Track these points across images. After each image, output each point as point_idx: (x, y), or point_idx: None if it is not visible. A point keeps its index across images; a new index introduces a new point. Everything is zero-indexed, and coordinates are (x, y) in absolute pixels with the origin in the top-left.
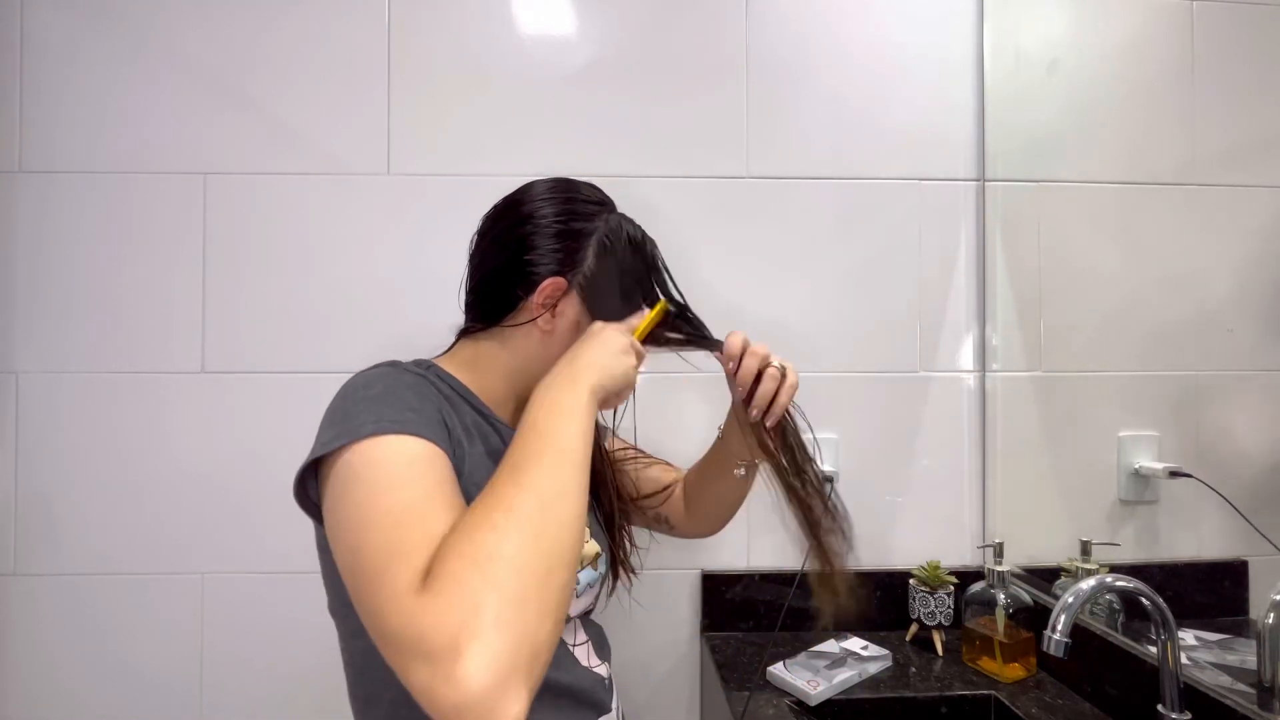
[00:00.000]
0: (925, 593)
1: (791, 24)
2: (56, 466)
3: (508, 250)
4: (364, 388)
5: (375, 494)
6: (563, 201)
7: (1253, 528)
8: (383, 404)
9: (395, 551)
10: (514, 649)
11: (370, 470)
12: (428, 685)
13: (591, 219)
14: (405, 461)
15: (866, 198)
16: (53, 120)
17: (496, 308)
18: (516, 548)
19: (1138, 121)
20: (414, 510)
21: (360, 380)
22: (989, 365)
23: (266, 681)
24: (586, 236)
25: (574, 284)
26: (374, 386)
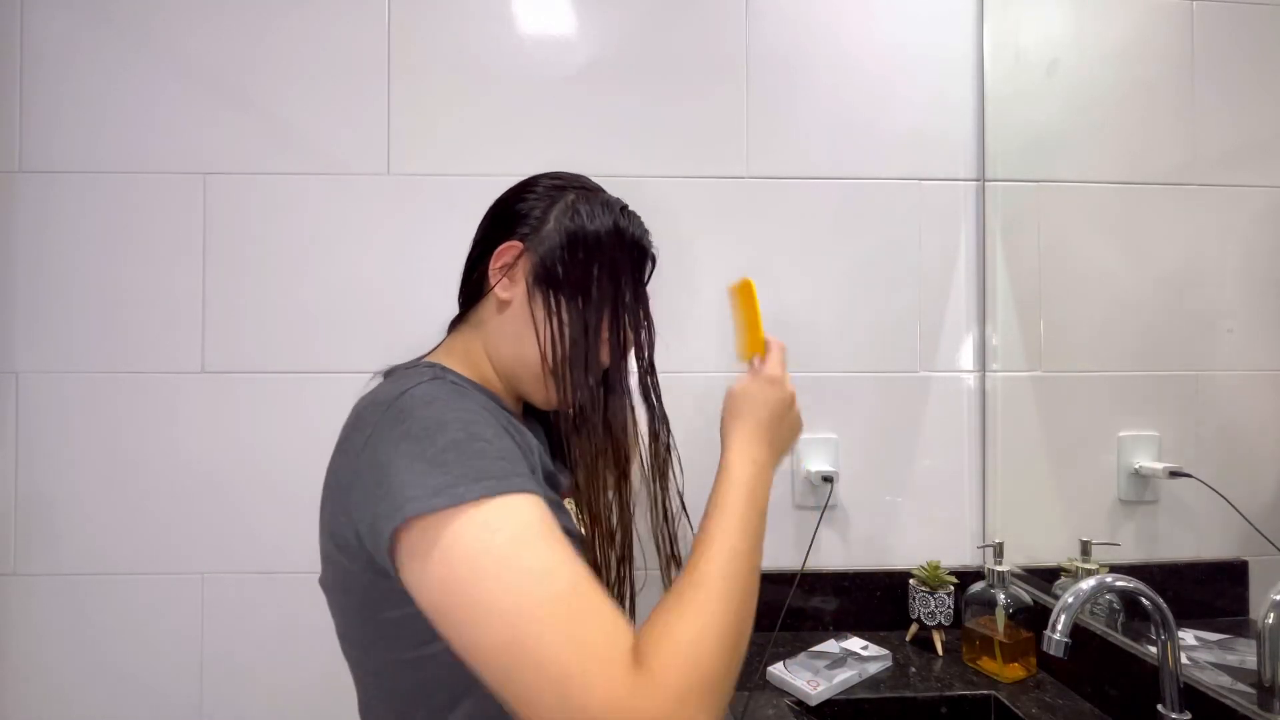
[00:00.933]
0: (925, 593)
1: (791, 24)
2: (56, 466)
3: (480, 229)
4: (439, 429)
5: (532, 582)
6: (545, 183)
7: (1253, 528)
8: (472, 454)
9: (591, 652)
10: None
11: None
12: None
13: (563, 189)
14: (540, 531)
15: (866, 198)
16: (53, 120)
17: (470, 290)
18: (722, 639)
19: (1138, 121)
20: (582, 596)
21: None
22: (989, 365)
23: (266, 681)
24: (552, 204)
25: (529, 248)
26: (450, 429)
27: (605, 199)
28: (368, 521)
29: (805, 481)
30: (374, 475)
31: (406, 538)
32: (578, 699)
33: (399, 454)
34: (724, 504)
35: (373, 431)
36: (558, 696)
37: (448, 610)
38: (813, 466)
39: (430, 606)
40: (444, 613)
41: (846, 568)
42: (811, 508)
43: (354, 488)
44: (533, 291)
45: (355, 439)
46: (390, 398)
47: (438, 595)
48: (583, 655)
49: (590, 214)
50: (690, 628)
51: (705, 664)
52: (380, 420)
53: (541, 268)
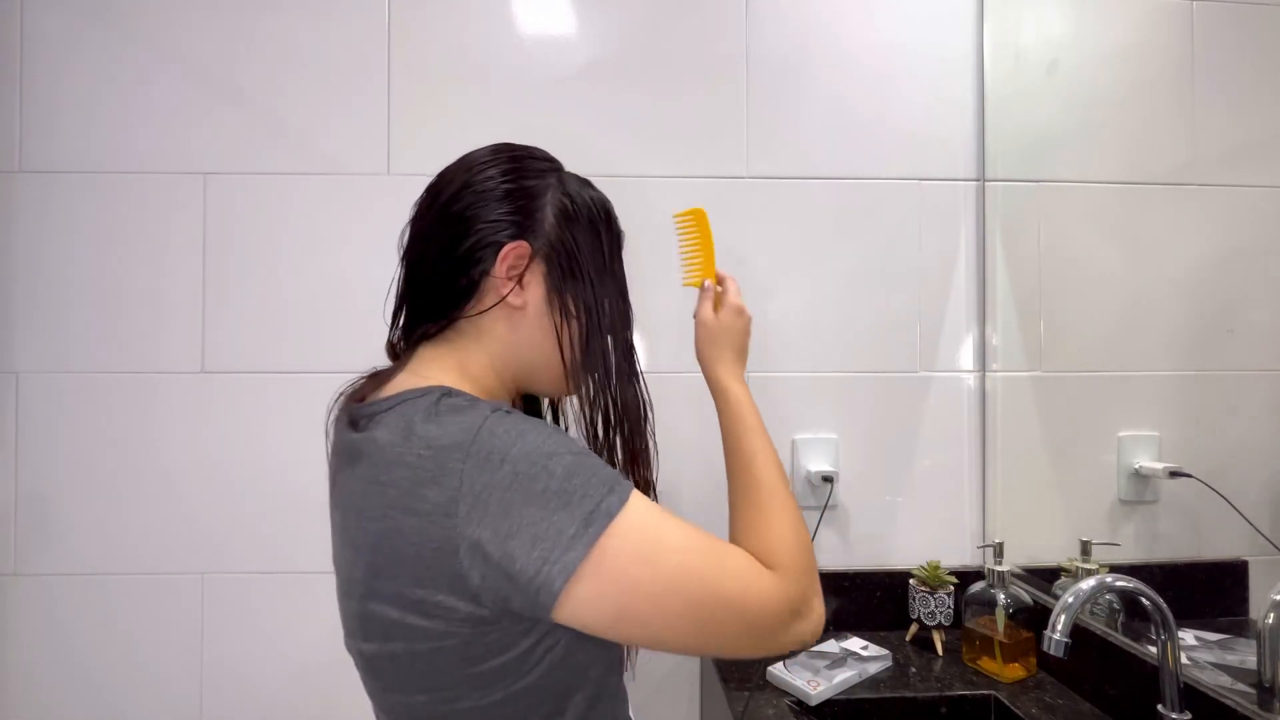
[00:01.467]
0: (925, 593)
1: (791, 24)
2: (56, 466)
3: (453, 226)
4: (551, 456)
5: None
6: (507, 161)
7: (1253, 528)
8: (593, 468)
9: (742, 572)
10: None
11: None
12: (800, 633)
13: (544, 175)
14: (657, 509)
15: (866, 198)
16: (53, 120)
17: (454, 297)
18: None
19: (1138, 121)
20: (707, 539)
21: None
22: (989, 365)
23: (267, 681)
24: (541, 195)
25: (538, 249)
26: (561, 453)
27: (576, 176)
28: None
29: (805, 481)
30: (494, 529)
31: (579, 581)
32: (753, 608)
33: (522, 497)
34: (750, 423)
35: (462, 482)
36: (742, 615)
37: (633, 616)
38: (813, 466)
39: (611, 623)
40: (630, 620)
41: (846, 568)
42: (811, 508)
43: (460, 549)
44: (548, 294)
45: (431, 495)
46: (460, 441)
47: (616, 609)
48: (740, 580)
49: (580, 194)
50: (784, 525)
51: (807, 546)
52: (465, 469)
53: (552, 267)
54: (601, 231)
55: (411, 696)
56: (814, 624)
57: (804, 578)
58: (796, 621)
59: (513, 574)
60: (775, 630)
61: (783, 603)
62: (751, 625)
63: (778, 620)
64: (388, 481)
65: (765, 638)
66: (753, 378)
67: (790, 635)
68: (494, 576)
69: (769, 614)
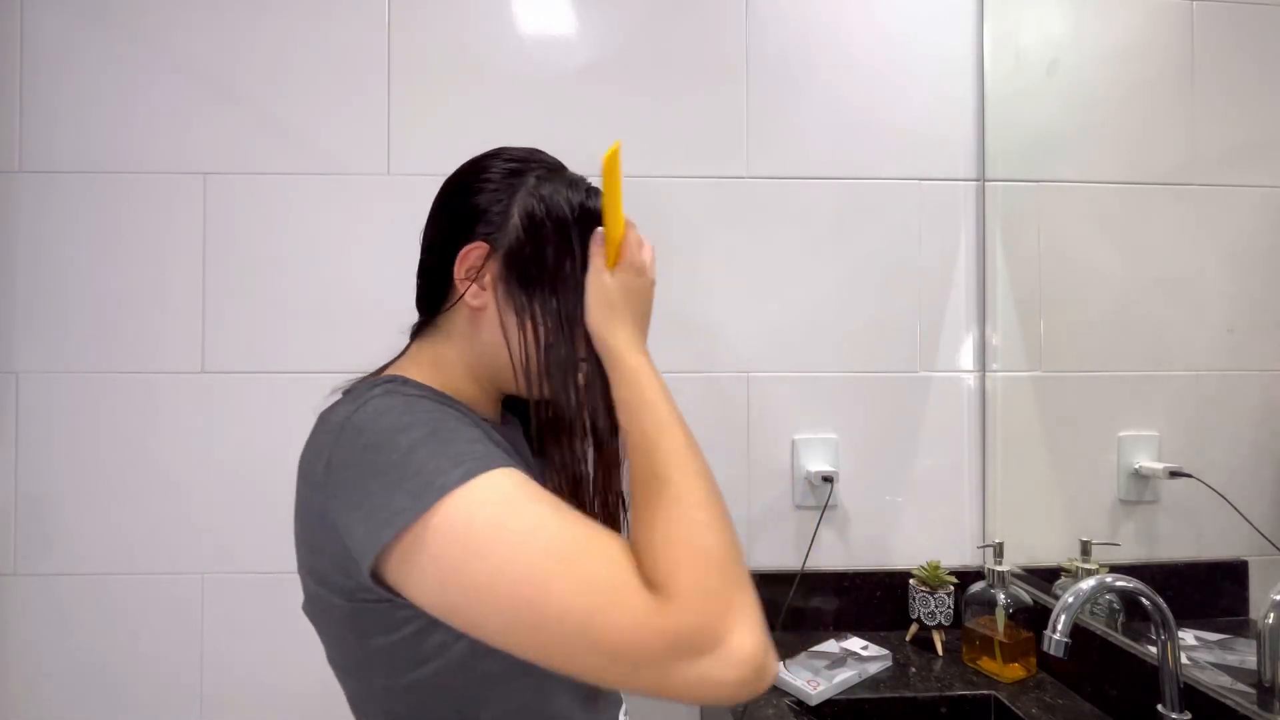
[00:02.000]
0: (925, 593)
1: (792, 24)
2: (56, 466)
3: (435, 225)
4: (398, 433)
5: (522, 542)
6: (488, 162)
7: (1253, 528)
8: (442, 445)
9: (601, 585)
10: (756, 612)
11: (494, 519)
12: (703, 676)
13: (518, 175)
14: (522, 496)
15: (866, 198)
16: (53, 120)
17: (432, 295)
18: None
19: (1138, 121)
20: (576, 538)
21: (388, 423)
22: (989, 365)
23: (267, 681)
24: (509, 196)
25: (498, 251)
26: (412, 430)
27: (570, 177)
28: (350, 550)
29: (805, 481)
30: (345, 500)
31: (398, 553)
32: (606, 637)
33: (365, 471)
34: (649, 400)
35: (330, 455)
36: (589, 642)
37: (457, 605)
38: (813, 466)
39: (440, 610)
40: (455, 609)
41: (846, 568)
42: (811, 508)
43: (325, 518)
44: (505, 295)
45: (316, 468)
46: (343, 418)
47: (441, 594)
48: (594, 592)
49: (554, 197)
50: (680, 533)
51: (712, 555)
52: (335, 442)
53: (511, 268)
54: (573, 235)
55: (340, 670)
56: (728, 667)
57: (706, 605)
58: (687, 661)
59: (351, 546)
60: (648, 666)
61: (654, 636)
62: (612, 655)
63: (646, 656)
64: (303, 458)
65: (636, 674)
66: (753, 377)
67: (679, 679)
68: (343, 546)
69: (632, 647)
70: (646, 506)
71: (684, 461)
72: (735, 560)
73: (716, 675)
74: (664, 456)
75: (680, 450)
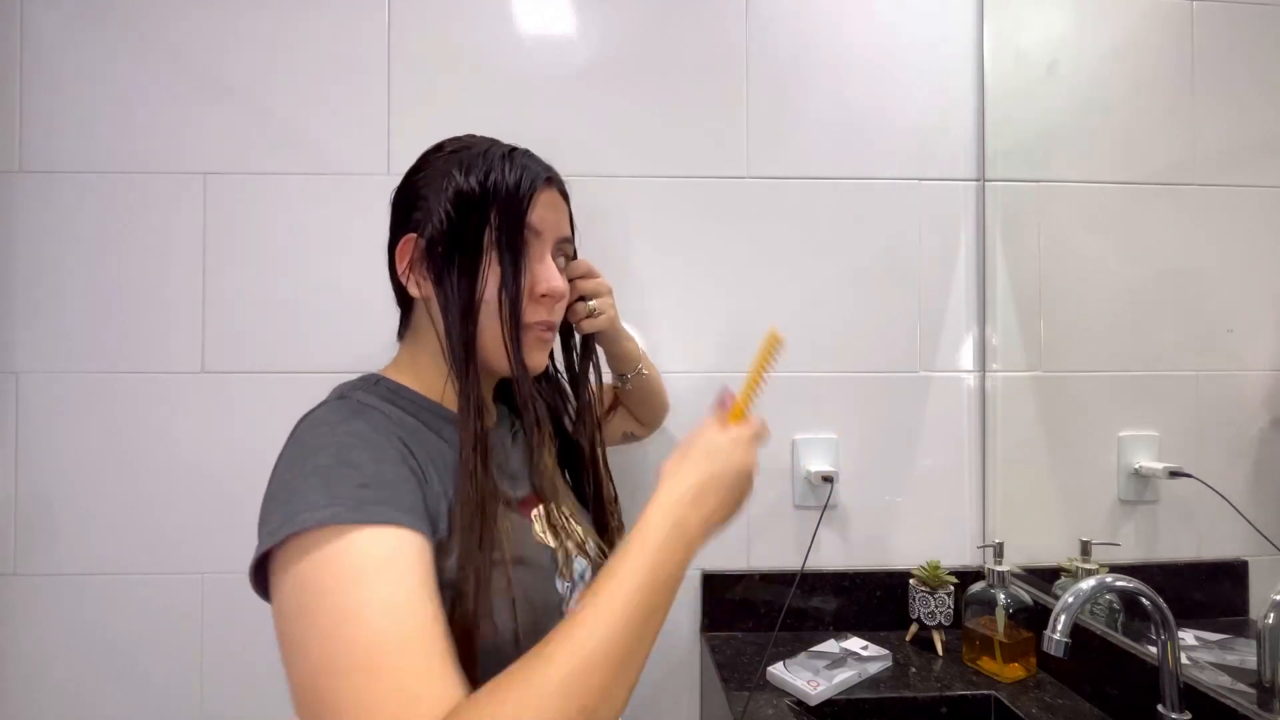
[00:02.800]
0: (925, 593)
1: (791, 24)
2: (56, 466)
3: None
4: (310, 454)
5: (332, 624)
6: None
7: (1253, 528)
8: (332, 479)
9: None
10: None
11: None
12: None
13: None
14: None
15: (866, 198)
16: (53, 120)
17: (398, 297)
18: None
19: (1138, 121)
20: (383, 650)
21: (307, 442)
22: (989, 365)
23: (267, 682)
24: (436, 183)
25: (424, 239)
26: (321, 453)
27: (484, 149)
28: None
29: (805, 481)
30: (264, 498)
31: (271, 568)
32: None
33: (276, 478)
34: (617, 568)
35: (279, 457)
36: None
37: (280, 640)
38: (813, 466)
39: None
40: (279, 641)
41: (846, 568)
42: (811, 508)
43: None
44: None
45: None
46: (303, 417)
47: (276, 624)
48: (360, 710)
49: (464, 174)
50: (520, 700)
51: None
52: (286, 443)
53: (432, 251)
54: (490, 210)
55: None
56: None
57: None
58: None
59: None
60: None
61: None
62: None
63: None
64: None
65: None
66: None
67: None
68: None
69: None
70: (523, 661)
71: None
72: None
73: None
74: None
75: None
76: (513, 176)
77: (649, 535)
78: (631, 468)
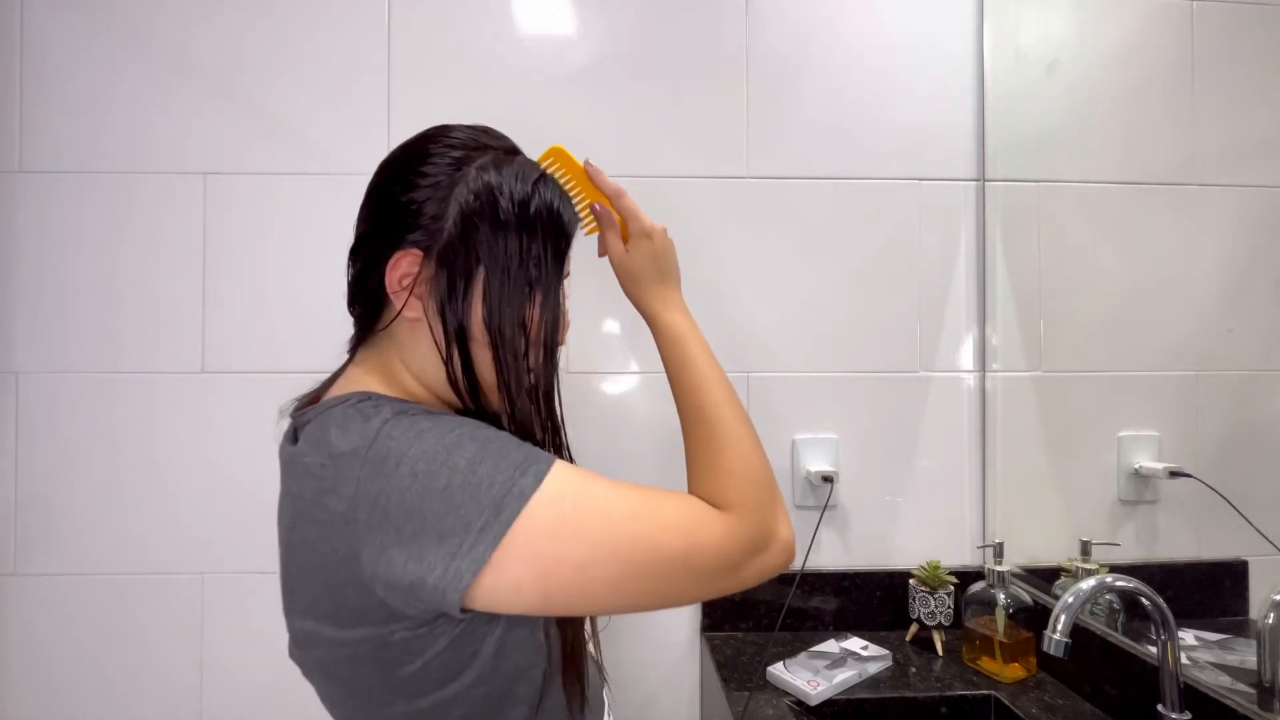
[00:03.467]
0: (925, 593)
1: (791, 24)
2: (56, 466)
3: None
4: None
5: (607, 516)
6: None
7: (1253, 528)
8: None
9: (686, 522)
10: (784, 508)
11: (575, 507)
12: (764, 566)
13: (464, 162)
14: (581, 478)
15: (866, 198)
16: (53, 120)
17: (367, 304)
18: (752, 455)
19: (1138, 121)
20: (643, 496)
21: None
22: (989, 365)
23: (267, 682)
24: (452, 188)
25: (433, 255)
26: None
27: (518, 167)
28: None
29: (805, 481)
30: (396, 532)
31: (490, 570)
32: (702, 557)
33: (421, 498)
34: (691, 354)
35: (358, 489)
36: (689, 567)
37: (557, 592)
38: (813, 466)
39: (538, 603)
40: (554, 596)
41: (846, 568)
42: (811, 508)
43: (362, 556)
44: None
45: (331, 504)
46: (358, 448)
47: (541, 588)
48: (684, 533)
49: (495, 193)
50: (735, 460)
51: (761, 477)
52: (361, 475)
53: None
54: (524, 232)
55: (343, 704)
56: (778, 554)
57: (761, 512)
58: (756, 556)
59: (421, 573)
60: (731, 571)
61: (736, 545)
62: (703, 573)
63: (730, 563)
64: (297, 492)
65: (721, 580)
66: (753, 377)
67: (750, 571)
68: (403, 577)
69: (721, 559)
70: (702, 445)
71: (727, 404)
72: (772, 476)
73: (773, 562)
74: (710, 403)
75: (721, 394)
76: (555, 208)
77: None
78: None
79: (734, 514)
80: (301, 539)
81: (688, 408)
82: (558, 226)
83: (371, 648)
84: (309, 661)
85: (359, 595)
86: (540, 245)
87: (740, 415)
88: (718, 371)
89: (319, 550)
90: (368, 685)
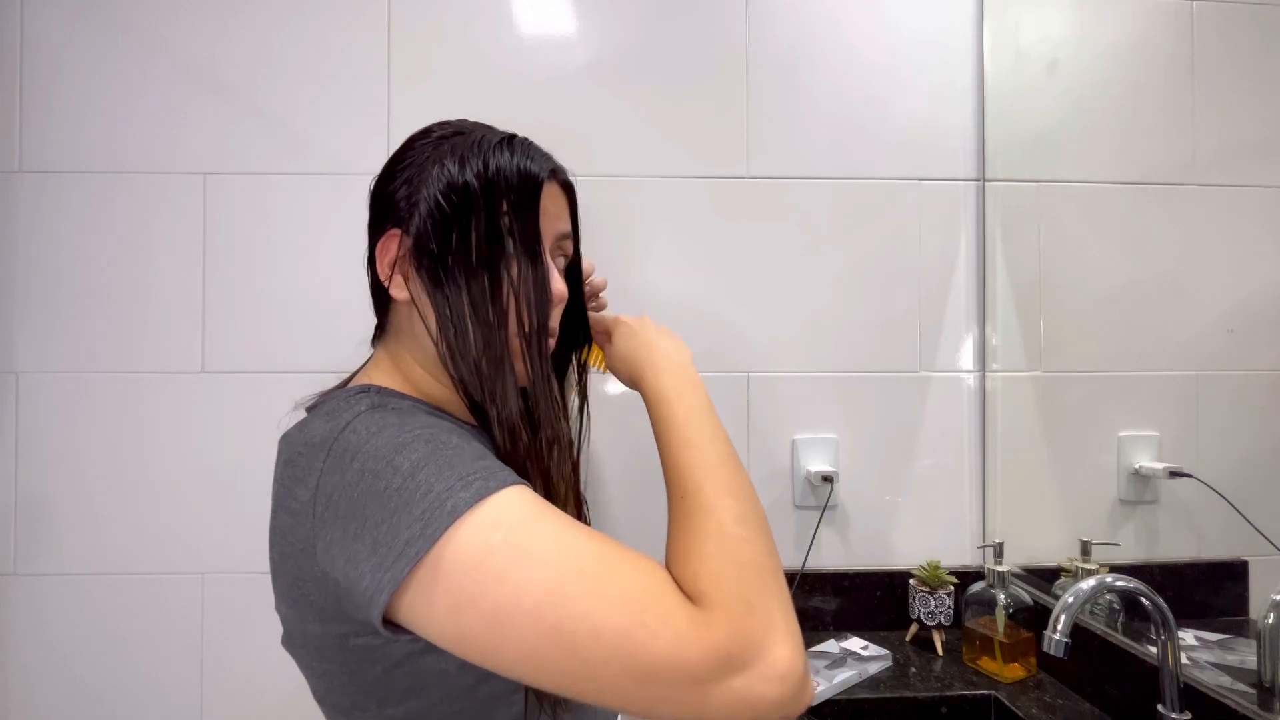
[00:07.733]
0: (925, 593)
1: (791, 24)
2: (56, 466)
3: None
4: (400, 450)
5: (543, 564)
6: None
7: (1253, 528)
8: (449, 461)
9: (638, 599)
10: (796, 627)
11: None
12: (744, 693)
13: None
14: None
15: (866, 198)
16: (53, 120)
17: (378, 302)
18: (748, 544)
19: (1138, 121)
20: (602, 554)
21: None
22: (989, 365)
23: (266, 682)
24: (423, 173)
25: (411, 235)
26: (414, 446)
27: (479, 138)
28: (352, 584)
29: (805, 481)
30: (340, 531)
31: (409, 588)
32: (648, 651)
33: (363, 497)
34: (676, 418)
35: (319, 481)
36: (628, 658)
37: (469, 634)
38: (813, 466)
39: (451, 640)
40: (467, 639)
41: (846, 568)
42: (811, 508)
43: (312, 551)
44: (421, 285)
45: (299, 493)
46: (326, 438)
47: (454, 624)
48: (633, 607)
49: (459, 165)
50: (717, 543)
51: (749, 569)
52: (324, 467)
53: (421, 253)
54: (496, 206)
55: (325, 699)
56: (766, 682)
57: (749, 615)
58: (730, 676)
59: (354, 578)
60: (692, 685)
61: (700, 650)
62: (649, 676)
63: (690, 675)
64: (278, 478)
65: (678, 694)
66: (753, 377)
67: (720, 696)
68: (342, 579)
69: (677, 664)
70: (681, 521)
71: (713, 478)
72: (774, 573)
73: (757, 691)
74: (692, 470)
75: (710, 464)
76: (516, 164)
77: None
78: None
79: (707, 609)
80: (277, 526)
81: (671, 479)
82: (526, 177)
83: (335, 647)
84: (292, 650)
85: (318, 589)
86: (509, 201)
87: (730, 489)
88: (706, 437)
89: (289, 539)
90: (339, 684)
